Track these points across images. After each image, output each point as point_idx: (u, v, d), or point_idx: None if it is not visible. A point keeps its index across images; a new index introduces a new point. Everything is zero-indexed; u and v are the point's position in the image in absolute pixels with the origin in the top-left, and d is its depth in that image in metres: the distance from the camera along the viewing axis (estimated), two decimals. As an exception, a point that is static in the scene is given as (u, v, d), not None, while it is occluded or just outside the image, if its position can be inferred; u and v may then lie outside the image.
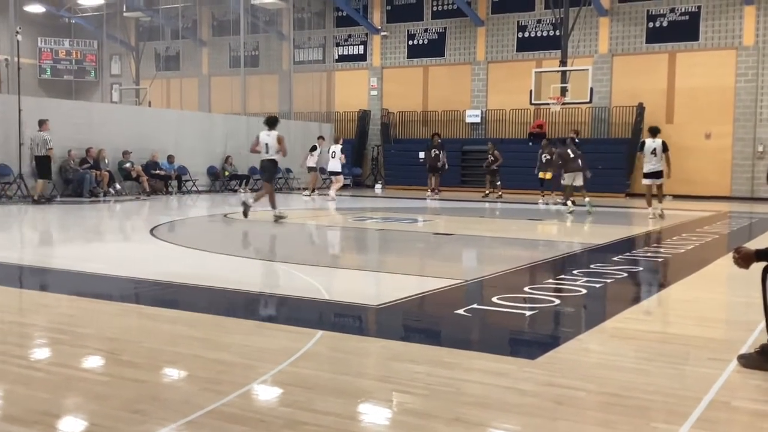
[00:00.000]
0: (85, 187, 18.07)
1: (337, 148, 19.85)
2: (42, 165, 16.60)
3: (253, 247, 10.87)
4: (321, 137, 23.02)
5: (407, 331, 5.36)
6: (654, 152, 14.40)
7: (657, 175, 14.59)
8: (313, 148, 21.54)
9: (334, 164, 19.74)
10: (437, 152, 22.47)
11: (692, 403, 3.53)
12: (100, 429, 3.12)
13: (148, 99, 30.07)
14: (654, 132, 14.74)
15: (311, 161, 21.47)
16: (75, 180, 18.20)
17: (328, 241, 11.82)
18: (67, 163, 18.15)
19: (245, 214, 12.69)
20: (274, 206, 12.87)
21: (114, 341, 4.62)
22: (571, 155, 16.30)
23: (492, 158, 21.49)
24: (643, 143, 14.77)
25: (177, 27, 31.72)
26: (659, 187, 14.86)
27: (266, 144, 12.67)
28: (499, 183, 21.57)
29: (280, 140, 12.65)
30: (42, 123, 16.55)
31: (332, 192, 19.52)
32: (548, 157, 19.62)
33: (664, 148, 14.38)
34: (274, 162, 12.86)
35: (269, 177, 13.20)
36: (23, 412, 3.29)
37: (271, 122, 12.97)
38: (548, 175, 19.94)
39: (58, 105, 19.60)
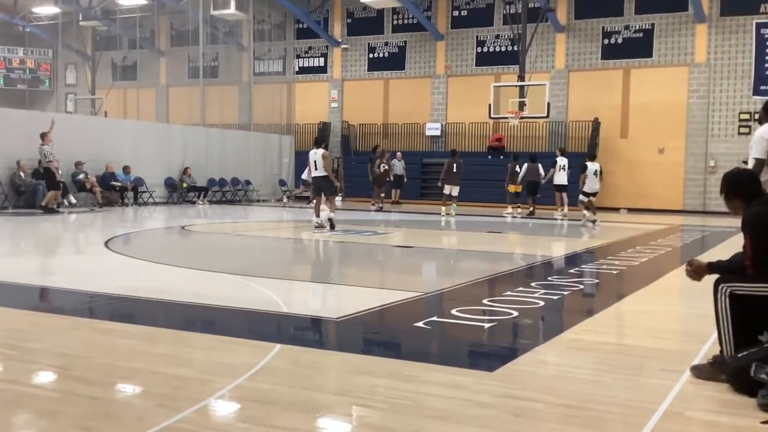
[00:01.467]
0: (38, 199, 17.68)
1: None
2: (46, 177, 17.29)
3: (210, 259, 10.75)
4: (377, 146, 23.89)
5: (367, 344, 5.34)
6: (595, 173, 16.98)
7: (596, 193, 17.32)
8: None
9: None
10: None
11: (647, 414, 3.58)
12: (50, 447, 3.04)
13: (104, 109, 29.64)
14: (592, 157, 18.04)
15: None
16: (27, 191, 17.82)
17: (286, 253, 11.74)
18: (17, 176, 17.77)
19: (332, 227, 13.62)
20: (317, 215, 13.97)
21: (66, 357, 4.51)
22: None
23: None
24: (586, 166, 17.22)
25: (135, 36, 31.34)
26: (592, 202, 17.18)
27: (314, 162, 13.83)
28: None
29: (324, 157, 13.75)
30: (43, 136, 16.96)
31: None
32: (518, 171, 20.02)
33: (601, 170, 17.33)
34: (325, 177, 13.87)
35: (322, 191, 14.10)
36: (-30, 430, 3.19)
37: (318, 141, 14.38)
38: (518, 189, 20.33)
39: (9, 115, 19.16)
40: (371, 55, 29.23)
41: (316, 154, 13.84)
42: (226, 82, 30.35)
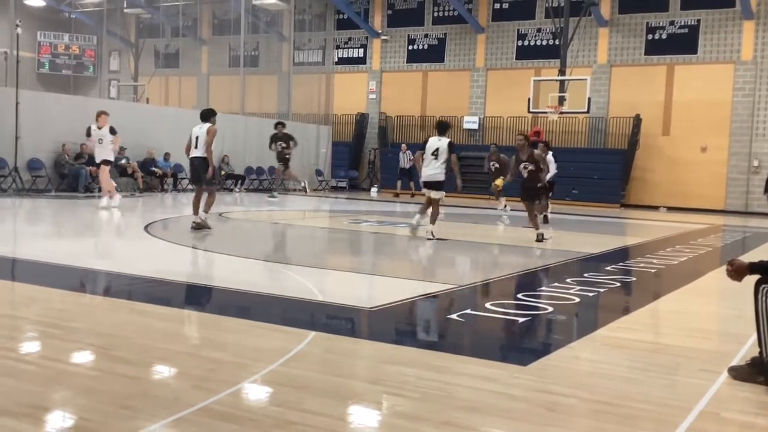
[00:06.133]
0: (80, 183, 18.02)
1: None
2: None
3: (246, 246, 10.86)
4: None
5: (399, 335, 5.36)
6: (435, 154, 10.82)
7: (435, 185, 11.01)
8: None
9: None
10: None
11: (682, 414, 3.54)
12: (89, 424, 3.11)
13: (146, 96, 30.03)
14: (442, 128, 11.11)
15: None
16: (70, 175, 18.15)
17: (322, 243, 11.81)
18: (62, 158, 18.10)
19: (198, 227, 11.12)
20: (196, 211, 11.32)
21: (106, 337, 4.61)
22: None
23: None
24: (426, 141, 11.22)
25: (177, 25, 31.68)
26: (435, 201, 11.27)
27: (196, 138, 11.39)
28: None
29: (209, 132, 11.22)
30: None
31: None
32: (497, 165, 17.60)
33: (451, 149, 10.92)
34: (204, 160, 11.26)
35: (200, 178, 11.48)
36: (13, 404, 3.28)
37: (204, 116, 11.64)
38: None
39: (55, 99, 19.54)
40: (411, 47, 29.15)
41: (201, 129, 11.19)
42: (266, 72, 30.55)
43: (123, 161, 19.61)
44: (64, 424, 3.17)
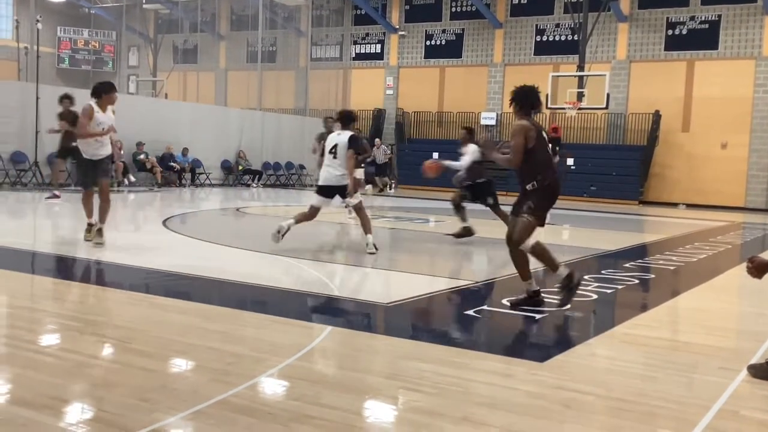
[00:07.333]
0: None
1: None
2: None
3: (263, 241, 10.89)
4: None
5: (416, 330, 5.36)
6: (333, 151, 8.74)
7: (338, 191, 8.90)
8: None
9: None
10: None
11: (700, 411, 3.52)
12: (108, 416, 3.14)
13: (164, 91, 30.20)
14: (346, 120, 9.04)
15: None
16: (90, 169, 18.28)
17: (339, 238, 11.82)
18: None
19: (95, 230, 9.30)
20: (89, 214, 9.46)
21: (124, 329, 4.64)
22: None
23: None
24: (323, 135, 9.47)
25: (196, 20, 31.85)
26: (360, 211, 9.10)
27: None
28: None
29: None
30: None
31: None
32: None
33: (351, 144, 8.65)
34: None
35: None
36: (33, 396, 3.32)
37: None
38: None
39: (75, 95, 19.65)
40: (428, 43, 29.11)
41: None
42: (284, 67, 30.63)
43: (142, 156, 19.75)
44: (83, 416, 3.20)
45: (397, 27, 29.52)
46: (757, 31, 23.72)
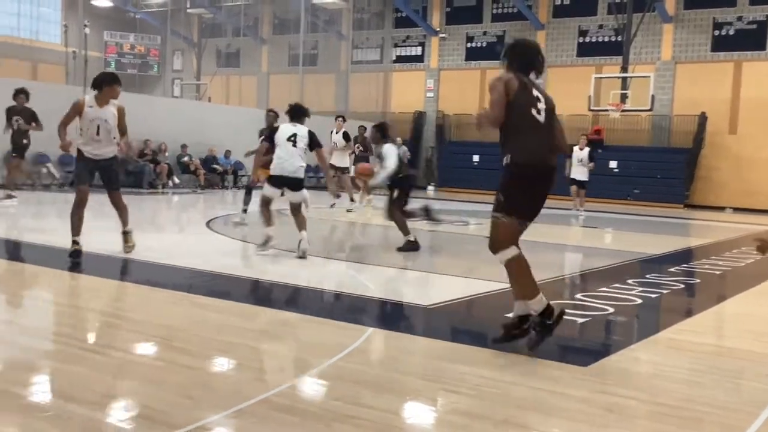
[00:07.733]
0: (145, 179, 18.50)
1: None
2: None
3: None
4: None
5: (456, 332, 5.34)
6: (293, 139, 8.24)
7: (295, 183, 8.33)
8: None
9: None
10: None
11: (747, 418, 3.45)
12: (153, 413, 3.20)
13: (208, 95, 30.61)
14: (298, 113, 8.55)
15: None
16: (135, 172, 18.64)
17: (379, 240, 11.84)
18: (128, 155, 18.60)
19: None
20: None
21: (167, 328, 4.72)
22: None
23: None
24: (274, 130, 8.68)
25: (239, 25, 32.22)
26: (297, 209, 8.57)
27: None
28: None
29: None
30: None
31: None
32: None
33: (312, 142, 8.32)
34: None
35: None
36: (82, 392, 3.40)
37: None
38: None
39: (121, 98, 20.04)
40: (469, 45, 29.00)
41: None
42: (325, 71, 30.80)
43: (186, 158, 20.06)
44: (128, 412, 3.26)
45: (438, 29, 29.48)
46: (808, 31, 23.14)
